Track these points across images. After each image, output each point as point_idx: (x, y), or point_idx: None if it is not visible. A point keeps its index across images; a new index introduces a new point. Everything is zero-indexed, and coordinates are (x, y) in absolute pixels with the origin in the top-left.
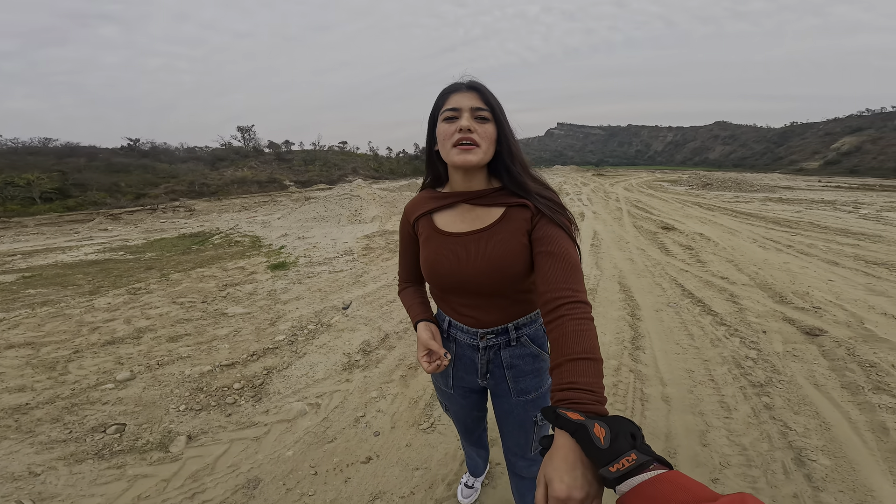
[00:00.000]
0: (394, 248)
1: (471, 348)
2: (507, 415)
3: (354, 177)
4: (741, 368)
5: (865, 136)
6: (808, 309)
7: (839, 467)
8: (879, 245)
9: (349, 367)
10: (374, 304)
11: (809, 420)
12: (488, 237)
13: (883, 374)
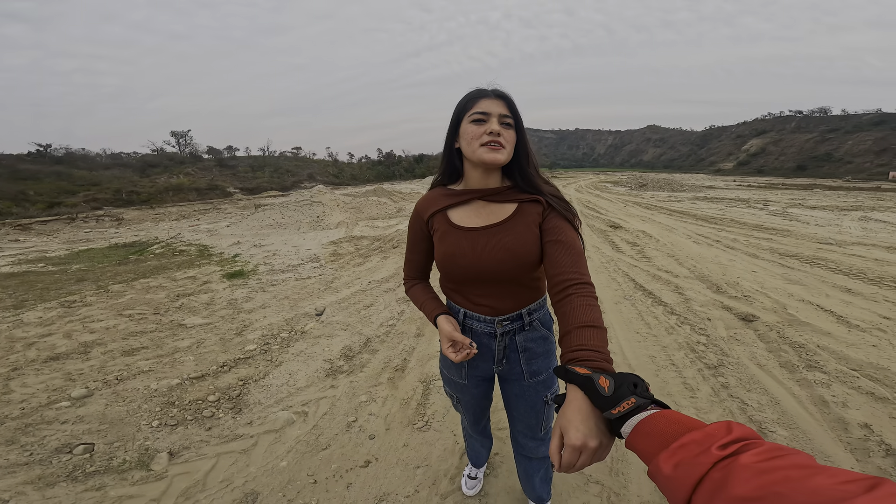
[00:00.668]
0: (364, 253)
1: (488, 336)
2: (519, 398)
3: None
4: (696, 353)
5: (769, 139)
6: (741, 297)
7: (796, 437)
8: (788, 239)
9: (332, 373)
10: (350, 310)
11: (761, 396)
12: (506, 230)
13: (811, 353)
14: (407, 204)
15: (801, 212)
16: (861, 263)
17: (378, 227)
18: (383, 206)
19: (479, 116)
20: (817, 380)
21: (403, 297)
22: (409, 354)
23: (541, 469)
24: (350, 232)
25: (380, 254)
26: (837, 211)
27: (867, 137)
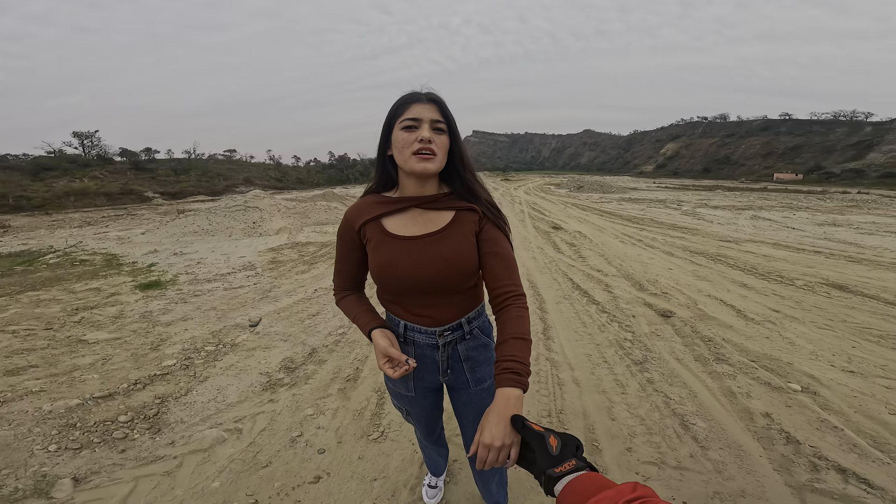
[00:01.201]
0: (309, 260)
1: (430, 347)
2: (467, 406)
3: (248, 187)
4: (624, 349)
5: (681, 143)
6: (659, 294)
7: (713, 428)
8: (697, 237)
9: (271, 386)
10: (291, 319)
11: (681, 390)
12: (443, 239)
13: (719, 346)
14: None
15: (707, 211)
16: (753, 259)
17: (328, 233)
18: (334, 211)
19: (409, 123)
20: (724, 372)
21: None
22: (361, 364)
23: (496, 475)
24: (293, 238)
25: (328, 260)
26: (734, 210)
27: (756, 142)
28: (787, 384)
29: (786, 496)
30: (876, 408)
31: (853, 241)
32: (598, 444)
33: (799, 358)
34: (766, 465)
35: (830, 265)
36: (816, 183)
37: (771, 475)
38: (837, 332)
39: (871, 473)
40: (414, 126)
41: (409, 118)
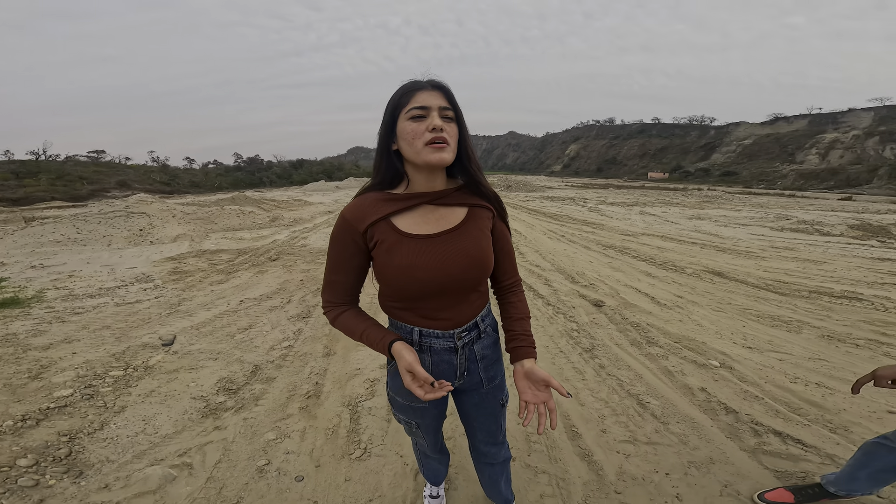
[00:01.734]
0: (225, 269)
1: (448, 352)
2: (478, 407)
3: (124, 191)
4: (573, 339)
5: (581, 145)
6: (588, 285)
7: (665, 405)
8: (604, 231)
9: (212, 411)
10: (217, 335)
11: (629, 373)
12: (464, 235)
13: (646, 331)
14: (285, 213)
15: (606, 208)
16: (650, 251)
17: (244, 239)
18: (249, 216)
19: (417, 112)
20: (657, 353)
21: (298, 315)
22: (321, 377)
23: (504, 472)
24: (198, 245)
25: (252, 268)
26: (626, 206)
27: (635, 143)
28: (709, 361)
29: (745, 460)
30: (779, 378)
31: (715, 233)
32: (577, 429)
33: (709, 337)
34: (719, 433)
35: (706, 254)
36: (679, 181)
37: (726, 442)
38: (728, 313)
39: (800, 434)
40: (422, 115)
41: (416, 107)
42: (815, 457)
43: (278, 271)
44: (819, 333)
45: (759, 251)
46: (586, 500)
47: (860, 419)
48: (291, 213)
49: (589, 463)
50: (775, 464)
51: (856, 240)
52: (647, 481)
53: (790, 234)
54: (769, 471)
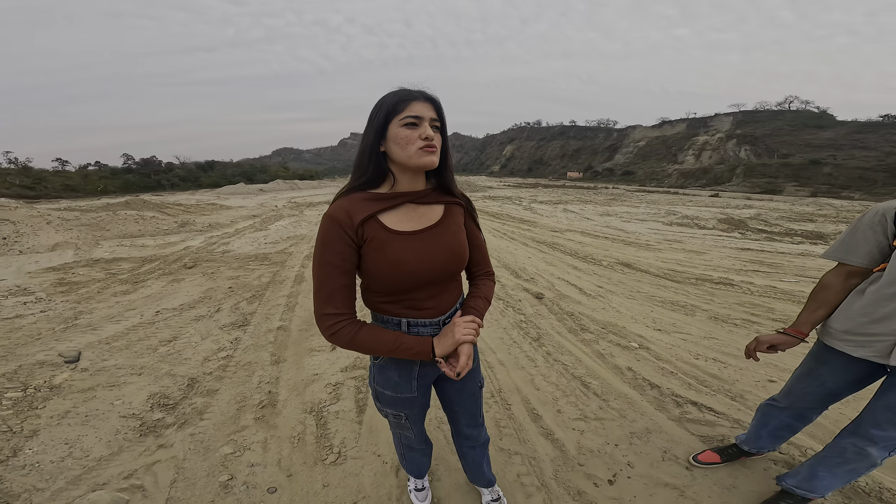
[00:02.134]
0: (128, 279)
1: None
2: (461, 391)
3: None
4: (523, 330)
5: (515, 146)
6: (529, 280)
7: (603, 384)
8: (538, 228)
9: (151, 429)
10: (135, 349)
11: (571, 357)
12: (443, 230)
13: (578, 319)
14: (196, 218)
15: (538, 206)
16: (574, 246)
17: (147, 247)
18: (151, 222)
19: (412, 120)
20: (590, 339)
21: (231, 323)
22: (273, 386)
23: (485, 455)
24: (87, 255)
25: (164, 277)
26: (552, 205)
27: (557, 145)
28: (630, 343)
29: (675, 428)
30: (685, 355)
31: (621, 228)
32: (537, 412)
33: (627, 322)
34: (649, 406)
35: (616, 248)
36: (590, 180)
37: (656, 414)
38: (638, 300)
39: (710, 403)
40: (416, 123)
41: (411, 115)
42: (725, 421)
43: (198, 279)
44: (708, 315)
45: (655, 244)
46: (556, 474)
47: (750, 387)
48: (204, 217)
49: (552, 441)
50: (698, 430)
51: (724, 232)
52: (602, 453)
53: (677, 228)
54: (695, 436)
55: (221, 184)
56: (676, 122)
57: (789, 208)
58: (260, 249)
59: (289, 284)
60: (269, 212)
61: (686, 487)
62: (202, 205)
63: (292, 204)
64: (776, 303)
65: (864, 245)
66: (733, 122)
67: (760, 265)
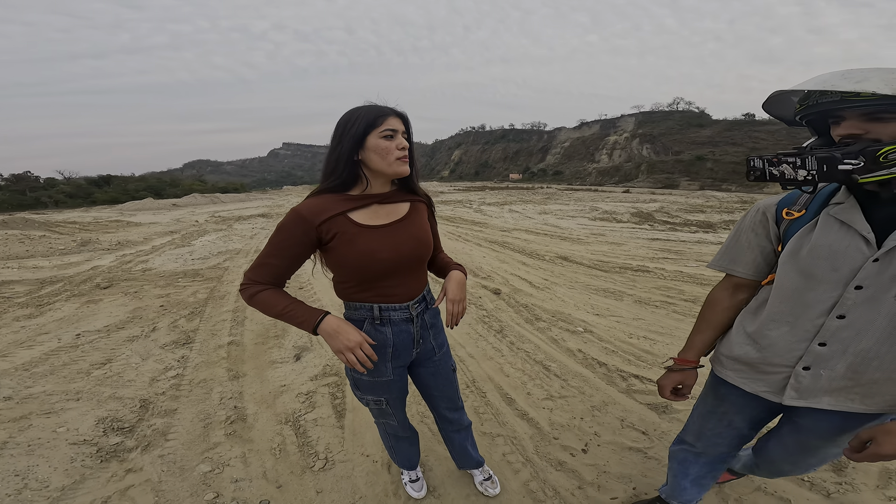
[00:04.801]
0: (27, 301)
1: (405, 322)
2: (435, 375)
3: None
4: (486, 324)
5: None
6: (487, 277)
7: (560, 366)
8: (488, 229)
9: (111, 454)
10: (64, 374)
11: (530, 345)
12: (410, 223)
13: (532, 310)
14: (99, 236)
15: (487, 208)
16: (521, 244)
17: (42, 268)
18: (40, 242)
19: (389, 133)
20: (544, 327)
21: (174, 342)
22: (238, 401)
23: (469, 437)
24: None
25: (74, 298)
26: (499, 206)
27: (499, 148)
28: (576, 328)
29: (625, 399)
30: (622, 336)
31: (556, 225)
32: (510, 396)
33: (571, 310)
34: (601, 382)
35: (554, 243)
36: (528, 181)
37: (608, 388)
38: (578, 290)
39: (649, 375)
40: (392, 135)
41: (388, 129)
42: None
43: (120, 299)
44: (633, 299)
45: (585, 238)
46: (537, 450)
47: None
48: (109, 235)
49: (527, 420)
50: (644, 399)
51: (637, 225)
52: (571, 426)
53: (600, 222)
54: (642, 405)
55: (122, 199)
56: (592, 124)
57: (685, 201)
58: (187, 266)
59: (231, 299)
60: (189, 227)
61: (647, 449)
62: (103, 222)
63: (217, 218)
64: (685, 285)
65: (747, 251)
66: (636, 122)
67: (668, 253)
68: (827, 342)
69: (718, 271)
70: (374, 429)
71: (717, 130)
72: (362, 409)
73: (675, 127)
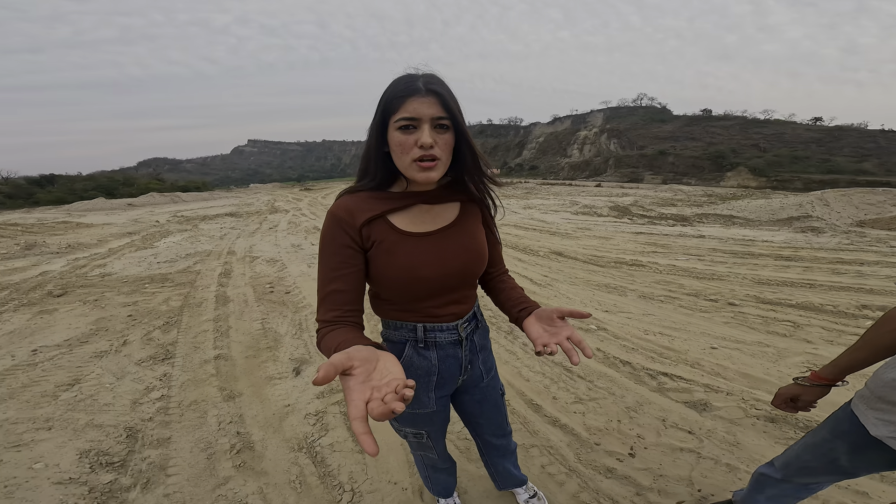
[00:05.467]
0: None
1: (453, 345)
2: (482, 402)
3: None
4: (494, 325)
5: None
6: None
7: (582, 367)
8: None
9: (108, 495)
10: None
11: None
12: (462, 231)
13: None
14: (46, 238)
15: None
16: (512, 239)
17: None
18: None
19: (406, 123)
20: (521, 337)
21: (150, 357)
22: (239, 426)
23: (513, 458)
24: None
25: (25, 308)
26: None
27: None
28: (589, 326)
29: (660, 398)
30: (637, 332)
31: (542, 219)
32: (535, 402)
33: (579, 307)
34: (629, 381)
35: (545, 238)
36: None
37: (638, 387)
38: (580, 286)
39: (677, 372)
40: (412, 126)
41: (405, 118)
42: (697, 387)
43: (78, 308)
44: (637, 294)
45: (573, 232)
46: (579, 458)
47: (700, 355)
48: (58, 237)
49: (560, 427)
50: (679, 397)
51: (616, 219)
52: (610, 430)
53: (582, 216)
54: (679, 403)
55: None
56: (564, 119)
57: (654, 194)
58: (153, 270)
59: (210, 307)
60: (149, 228)
61: (700, 449)
62: (49, 224)
63: (180, 218)
64: (682, 279)
65: None
66: (604, 117)
67: (655, 247)
68: None
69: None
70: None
71: (678, 126)
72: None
73: (639, 122)
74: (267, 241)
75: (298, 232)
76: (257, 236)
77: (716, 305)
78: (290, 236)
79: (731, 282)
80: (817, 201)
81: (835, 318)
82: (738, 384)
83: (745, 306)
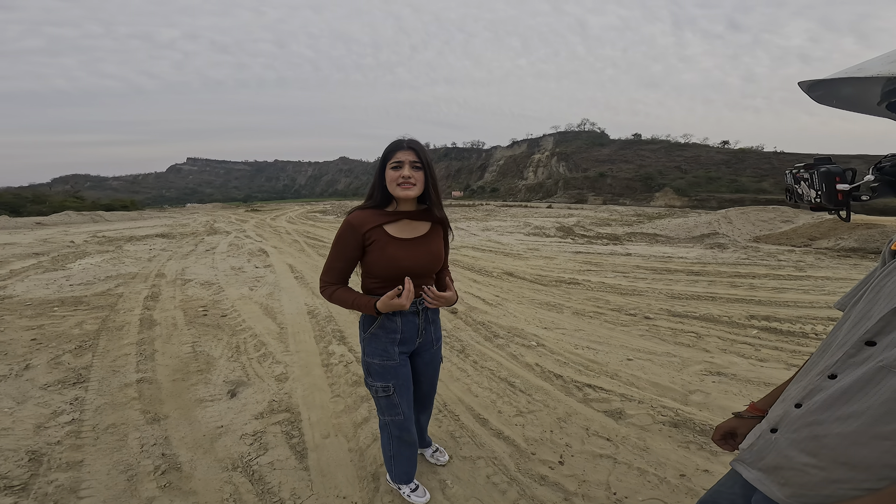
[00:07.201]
0: None
1: (413, 315)
2: (429, 364)
3: None
4: (448, 344)
5: None
6: None
7: (523, 381)
8: None
9: None
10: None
11: (493, 362)
12: (429, 240)
13: (489, 327)
14: None
15: None
16: (469, 261)
17: None
18: None
19: (395, 164)
20: (502, 343)
21: (59, 381)
22: (165, 447)
23: (428, 419)
24: None
25: None
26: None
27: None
28: (530, 343)
29: (584, 408)
30: (569, 347)
31: (498, 241)
32: (482, 416)
33: (523, 324)
34: (560, 394)
35: (499, 259)
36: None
37: (567, 399)
38: (525, 304)
39: (599, 383)
40: (399, 166)
41: (395, 161)
42: (615, 397)
43: None
44: (571, 311)
45: (523, 253)
46: (518, 466)
47: (619, 367)
48: None
49: (504, 439)
50: (600, 406)
51: (562, 239)
52: (544, 440)
53: (533, 237)
54: (599, 412)
55: None
56: (521, 143)
57: (594, 215)
58: (64, 293)
59: (133, 330)
60: (61, 248)
61: (616, 455)
62: None
63: (101, 238)
64: (609, 295)
65: None
66: (554, 141)
67: (590, 265)
68: None
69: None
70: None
71: (614, 149)
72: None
73: (583, 146)
74: (202, 264)
75: (240, 254)
76: (191, 258)
77: (634, 319)
78: (231, 259)
79: (649, 297)
80: (723, 219)
81: (729, 328)
82: (648, 393)
83: (658, 319)
